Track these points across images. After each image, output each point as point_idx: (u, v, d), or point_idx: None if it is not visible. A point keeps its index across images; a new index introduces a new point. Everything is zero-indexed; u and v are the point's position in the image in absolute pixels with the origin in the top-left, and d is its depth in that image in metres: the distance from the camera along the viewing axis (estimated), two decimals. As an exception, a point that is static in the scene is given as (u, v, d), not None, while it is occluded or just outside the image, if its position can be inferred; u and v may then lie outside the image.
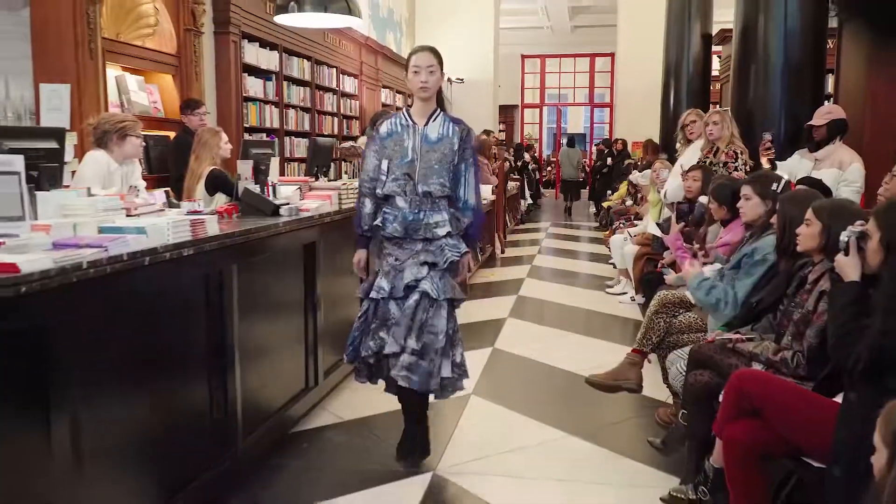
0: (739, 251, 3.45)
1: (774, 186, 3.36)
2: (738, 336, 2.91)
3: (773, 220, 3.05)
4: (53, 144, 2.81)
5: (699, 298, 3.41)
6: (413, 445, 3.34)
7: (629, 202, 9.61)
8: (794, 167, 4.60)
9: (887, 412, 1.47)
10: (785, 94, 5.24)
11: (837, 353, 2.01)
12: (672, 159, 6.53)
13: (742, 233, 3.63)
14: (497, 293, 7.23)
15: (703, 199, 4.46)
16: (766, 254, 3.25)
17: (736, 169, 4.84)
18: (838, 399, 2.36)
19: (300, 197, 4.08)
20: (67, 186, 3.33)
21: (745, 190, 3.46)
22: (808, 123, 4.53)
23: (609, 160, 14.37)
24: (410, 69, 3.13)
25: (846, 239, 2.18)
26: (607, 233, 9.28)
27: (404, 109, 3.24)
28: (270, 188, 3.81)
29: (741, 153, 4.92)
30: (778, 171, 4.53)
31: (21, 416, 1.98)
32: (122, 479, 2.38)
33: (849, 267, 2.15)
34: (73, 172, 4.05)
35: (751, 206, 3.43)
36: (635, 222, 7.78)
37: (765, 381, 2.47)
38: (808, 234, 2.65)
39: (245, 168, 3.82)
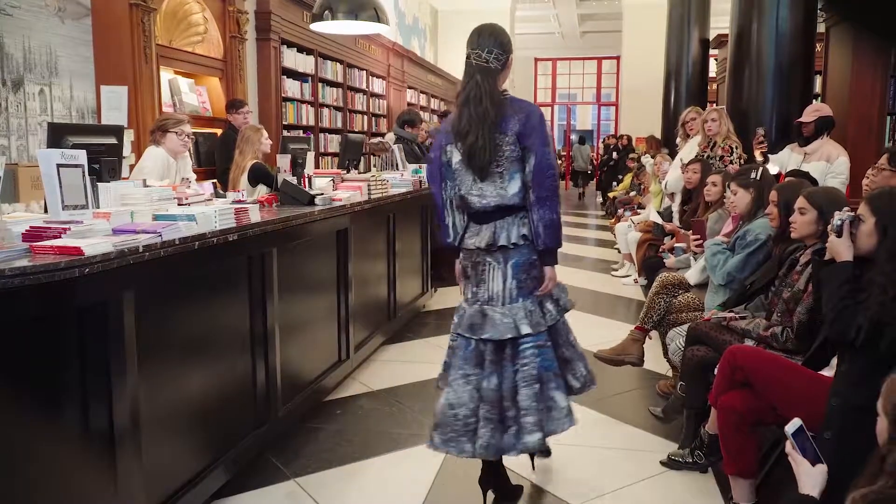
0: (734, 235, 3.43)
1: (753, 175, 3.39)
2: (731, 314, 2.89)
3: (769, 209, 3.01)
4: (113, 140, 2.83)
5: (706, 256, 3.45)
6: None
7: (633, 192, 9.52)
8: (785, 160, 4.54)
9: (889, 385, 1.45)
10: (776, 94, 5.17)
11: (838, 326, 1.98)
12: (672, 153, 6.46)
13: (734, 224, 3.61)
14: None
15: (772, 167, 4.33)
16: (757, 234, 3.27)
17: (731, 162, 4.78)
18: (823, 373, 2.33)
19: (333, 188, 4.08)
20: (126, 178, 3.36)
21: (733, 186, 3.45)
22: (798, 120, 4.46)
23: (615, 154, 14.24)
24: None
25: (839, 222, 2.12)
26: (613, 220, 9.22)
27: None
28: (306, 180, 3.82)
29: (736, 147, 4.86)
30: (770, 164, 4.47)
31: (84, 384, 2.01)
32: (177, 440, 2.41)
33: (842, 247, 2.11)
34: (131, 166, 4.09)
35: (739, 198, 3.44)
36: (638, 211, 7.71)
37: (756, 355, 2.45)
38: (803, 221, 2.62)
39: (284, 162, 3.83)
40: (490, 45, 2.41)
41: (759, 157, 4.60)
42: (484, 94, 2.37)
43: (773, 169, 4.40)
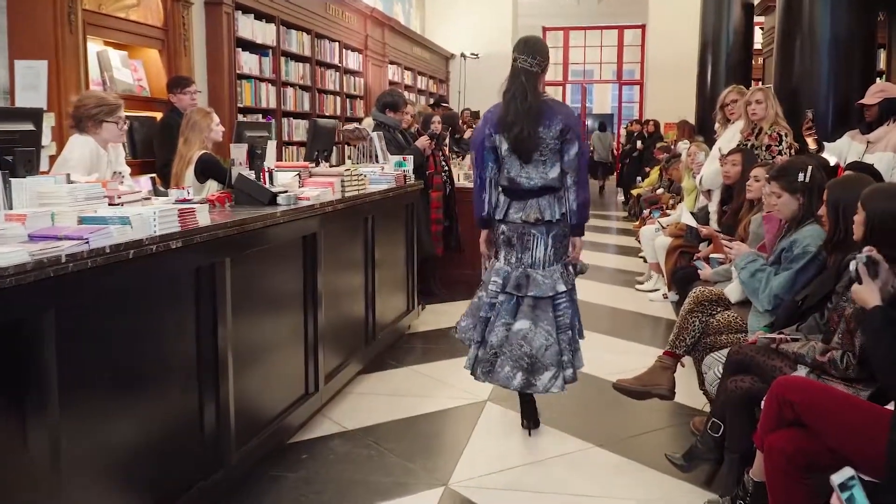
0: (778, 245, 3.44)
1: (800, 177, 3.38)
2: (781, 336, 2.90)
3: (821, 210, 3.04)
4: (29, 126, 2.83)
5: (742, 278, 3.47)
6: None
7: (660, 189, 9.56)
8: (844, 150, 4.56)
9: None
10: (832, 70, 5.21)
11: (890, 381, 2.06)
12: (709, 142, 6.49)
13: (778, 227, 3.63)
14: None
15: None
16: (806, 245, 3.28)
17: (780, 153, 4.81)
18: (891, 406, 2.35)
19: (299, 184, 4.08)
20: (45, 172, 3.35)
21: (773, 187, 3.47)
22: (859, 102, 4.50)
23: (639, 143, 14.31)
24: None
25: (854, 269, 2.30)
26: (637, 223, 9.25)
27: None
28: (267, 174, 3.81)
29: (786, 135, 4.88)
30: (826, 154, 4.50)
31: (-5, 423, 2.00)
32: (107, 492, 2.39)
33: (866, 294, 2.26)
34: (52, 158, 4.08)
35: (782, 203, 3.46)
36: (668, 211, 7.74)
37: (809, 388, 2.46)
38: (858, 222, 2.65)
39: (239, 152, 3.83)
40: (534, 52, 3.59)
41: (811, 146, 4.63)
42: (529, 92, 3.53)
43: (830, 160, 4.44)
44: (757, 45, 11.08)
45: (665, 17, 16.02)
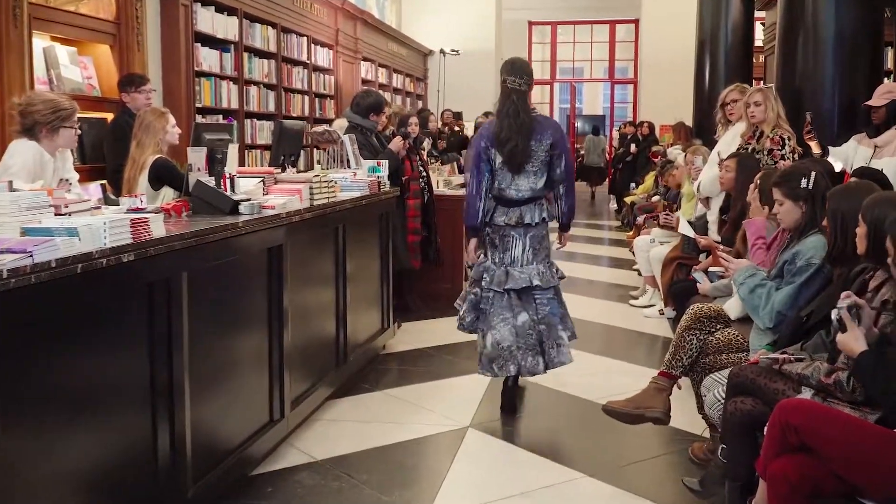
0: (780, 257, 3.48)
1: (804, 183, 3.42)
2: (785, 356, 2.93)
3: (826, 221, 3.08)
4: (-33, 129, 2.81)
5: (741, 295, 3.50)
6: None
7: (656, 197, 9.62)
8: (850, 155, 4.62)
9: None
10: (837, 69, 5.25)
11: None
12: (711, 144, 6.53)
13: (781, 237, 3.67)
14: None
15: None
16: (810, 257, 3.31)
17: (783, 157, 4.85)
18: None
19: (263, 191, 4.08)
20: (-16, 180, 3.32)
21: (776, 194, 3.51)
22: (866, 104, 4.55)
23: (633, 147, 14.40)
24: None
25: (836, 318, 2.45)
26: (631, 233, 9.29)
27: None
28: (227, 181, 3.81)
29: (788, 138, 4.93)
30: (830, 159, 4.55)
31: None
32: (49, 529, 2.37)
33: (851, 342, 2.40)
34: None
35: (784, 211, 3.50)
36: (666, 217, 7.75)
37: (813, 411, 2.49)
38: (860, 235, 2.69)
39: (197, 157, 3.82)
40: (521, 73, 4.30)
41: (815, 150, 4.68)
42: (521, 110, 4.24)
43: (835, 166, 4.49)
44: (758, 42, 11.18)
45: (660, 11, 16.17)
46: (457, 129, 11.90)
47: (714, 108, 5.92)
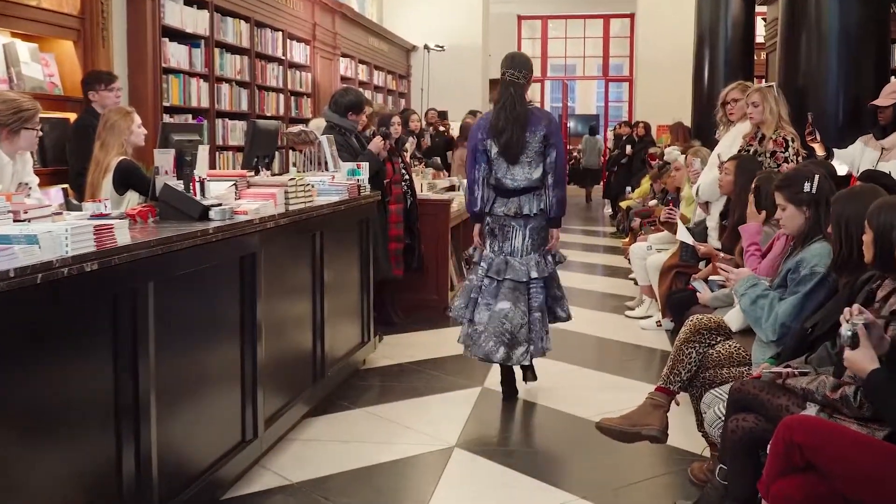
0: (783, 265, 3.50)
1: (807, 187, 3.46)
2: (789, 370, 2.94)
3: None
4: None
5: (742, 306, 3.52)
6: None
7: (653, 201, 9.65)
8: (856, 157, 4.65)
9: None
10: (842, 67, 5.30)
11: None
12: (710, 146, 6.55)
13: (784, 244, 3.69)
14: (487, 317, 7.23)
15: None
16: (814, 265, 3.34)
17: (786, 160, 4.87)
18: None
19: (235, 196, 4.07)
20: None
21: (778, 198, 3.54)
22: (872, 103, 4.58)
23: (628, 148, 14.47)
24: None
25: (850, 332, 2.44)
26: (626, 240, 9.33)
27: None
28: (197, 185, 3.80)
29: (792, 140, 4.96)
30: (836, 162, 4.58)
31: None
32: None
33: (863, 360, 2.39)
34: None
35: (787, 216, 3.53)
36: (664, 223, 7.76)
37: (819, 428, 2.50)
38: (867, 242, 2.71)
39: (164, 159, 3.81)
40: (520, 66, 4.73)
41: (819, 152, 4.71)
42: (517, 102, 4.67)
43: (840, 169, 4.52)
44: (759, 39, 11.27)
45: (656, 5, 16.27)
46: (442, 128, 11.90)
47: (713, 106, 5.95)
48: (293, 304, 4.41)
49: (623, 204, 11.96)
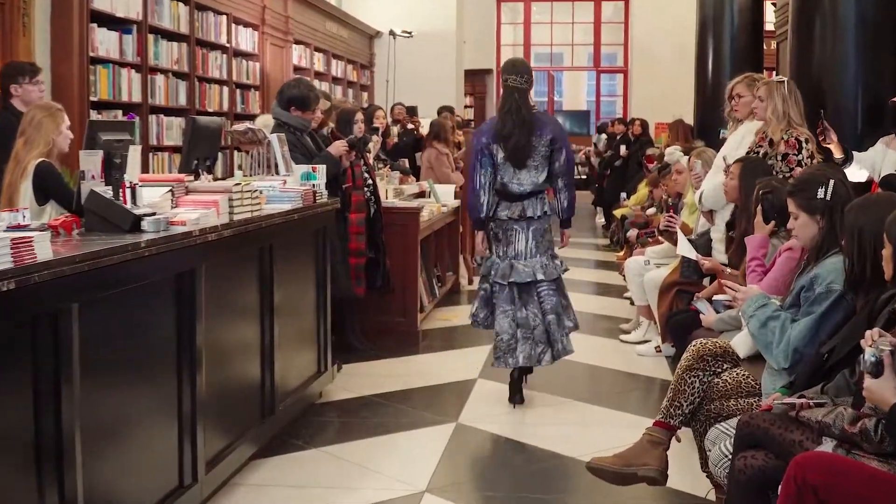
0: (796, 282, 3.52)
1: (821, 193, 3.49)
2: (803, 401, 2.96)
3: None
4: None
5: (751, 329, 3.55)
6: None
7: (652, 210, 9.71)
8: (877, 160, 4.70)
9: None
10: (860, 59, 5.32)
11: None
12: (716, 146, 6.58)
13: (796, 257, 3.73)
14: (462, 343, 7.26)
15: None
16: (830, 282, 3.36)
17: (799, 163, 4.90)
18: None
19: (172, 204, 4.07)
20: None
21: (790, 206, 3.59)
22: (894, 100, 4.63)
23: (623, 149, 14.54)
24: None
25: (873, 359, 2.47)
26: (622, 253, 9.37)
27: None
28: (128, 191, 3.80)
29: (806, 141, 4.99)
30: (855, 165, 4.63)
31: None
32: None
33: (886, 390, 2.43)
34: None
35: (800, 226, 3.57)
36: (663, 235, 7.81)
37: (835, 466, 2.53)
38: (886, 256, 2.74)
39: (91, 162, 3.80)
40: (521, 72, 5.37)
41: (836, 155, 4.75)
42: (522, 107, 5.30)
43: (857, 174, 4.57)
44: (769, 26, 11.38)
45: (654, -14, 16.39)
46: (410, 126, 11.86)
47: (717, 102, 5.99)
48: (238, 328, 4.40)
49: (617, 212, 12.00)
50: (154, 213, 3.66)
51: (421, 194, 8.56)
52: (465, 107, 18.98)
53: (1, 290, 2.55)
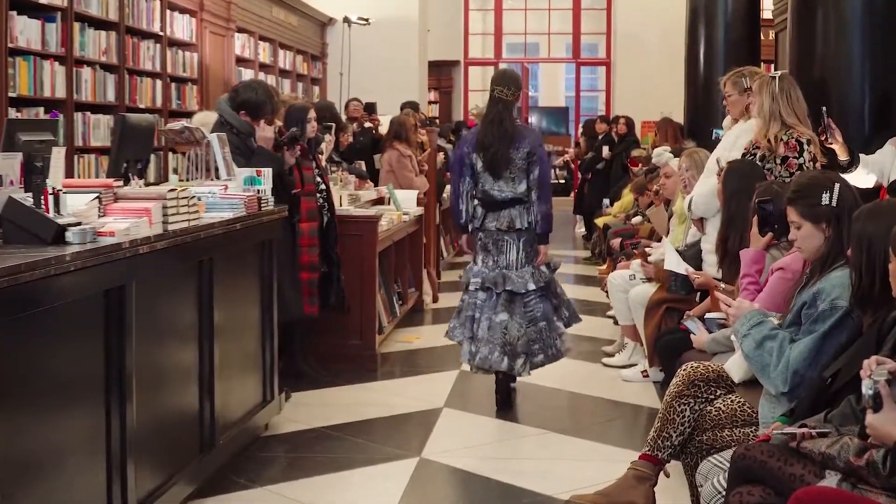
0: (797, 299, 3.55)
1: (825, 199, 3.50)
2: (804, 430, 2.98)
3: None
4: None
5: (745, 350, 3.55)
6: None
7: (637, 218, 9.76)
8: (886, 164, 4.74)
9: None
10: (866, 53, 5.35)
11: None
12: (709, 147, 6.61)
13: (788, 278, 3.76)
14: (426, 368, 7.28)
15: None
16: (835, 298, 3.37)
17: (800, 167, 4.92)
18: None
19: (100, 212, 4.05)
20: None
21: (791, 214, 3.60)
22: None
23: (605, 150, 14.60)
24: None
25: (871, 392, 2.50)
26: (604, 267, 9.40)
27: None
28: (51, 198, 3.78)
29: (808, 142, 5.02)
30: (862, 169, 4.68)
31: None
32: None
33: (889, 425, 2.47)
34: None
35: (803, 236, 3.58)
36: (649, 249, 7.85)
37: (839, 502, 2.55)
38: (892, 272, 2.77)
39: (9, 165, 3.79)
40: (509, 83, 6.02)
41: (842, 157, 4.79)
42: (505, 119, 5.96)
43: (863, 180, 4.61)
44: (767, 14, 11.47)
45: (640, -31, 16.51)
46: (368, 125, 11.83)
47: (710, 98, 6.03)
48: (174, 351, 4.38)
49: (599, 221, 12.03)
50: (80, 223, 3.64)
51: (380, 201, 8.53)
52: (430, 102, 19.04)
53: None
